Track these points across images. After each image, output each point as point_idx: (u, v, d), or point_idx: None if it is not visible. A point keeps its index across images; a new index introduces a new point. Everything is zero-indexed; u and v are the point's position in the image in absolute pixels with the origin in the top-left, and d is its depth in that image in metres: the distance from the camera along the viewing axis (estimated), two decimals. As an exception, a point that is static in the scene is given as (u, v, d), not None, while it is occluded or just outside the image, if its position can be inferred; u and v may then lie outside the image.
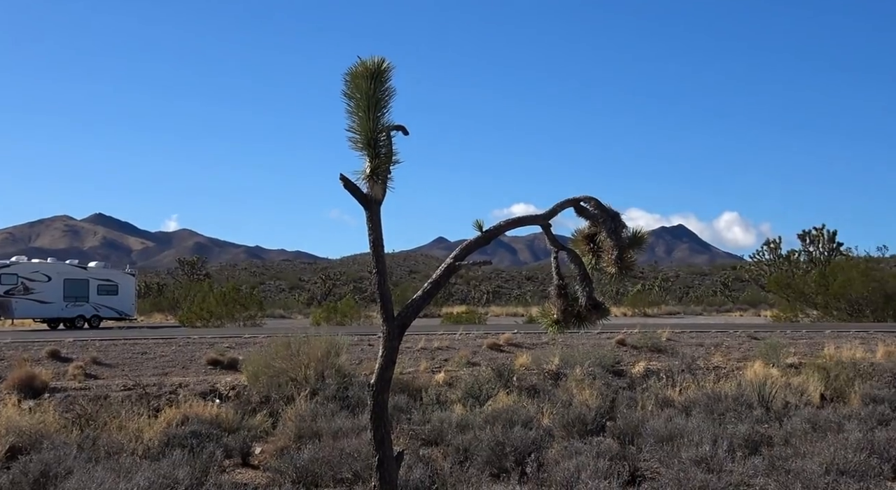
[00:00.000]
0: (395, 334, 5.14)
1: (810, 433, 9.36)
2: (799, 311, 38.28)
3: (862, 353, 16.77)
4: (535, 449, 8.40)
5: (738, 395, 12.00)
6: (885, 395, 12.19)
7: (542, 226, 5.45)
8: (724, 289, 77.63)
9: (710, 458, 7.81)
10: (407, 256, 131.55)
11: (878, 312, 34.52)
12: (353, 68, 4.94)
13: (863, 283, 35.05)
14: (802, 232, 51.02)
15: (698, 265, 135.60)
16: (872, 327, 24.22)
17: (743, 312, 51.88)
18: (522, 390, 13.22)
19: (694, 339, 19.27)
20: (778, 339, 18.58)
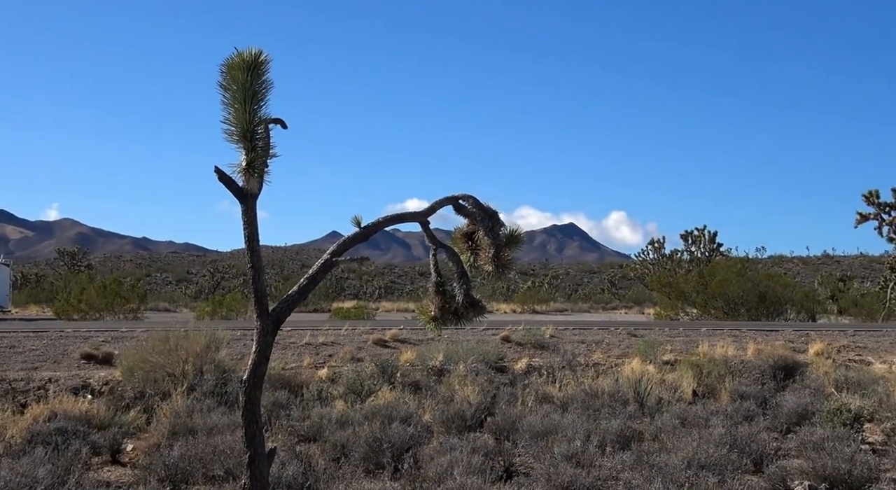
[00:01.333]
0: (270, 330, 5.14)
1: (679, 428, 9.78)
2: (679, 309, 39.70)
3: (734, 351, 17.52)
4: (412, 445, 8.51)
5: (614, 392, 12.40)
6: (752, 391, 12.79)
7: (421, 223, 5.54)
8: (612, 287, 79.68)
9: (581, 454, 8.07)
10: (300, 250, 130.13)
11: (752, 311, 36.13)
12: (230, 59, 4.92)
13: (738, 283, 36.61)
14: (685, 232, 52.93)
15: (588, 263, 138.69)
16: (746, 326, 25.31)
17: (628, 310, 53.41)
18: (405, 386, 13.32)
19: (577, 336, 19.75)
20: (656, 336, 19.23)
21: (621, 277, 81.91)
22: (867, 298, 43.48)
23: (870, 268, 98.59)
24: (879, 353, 18.58)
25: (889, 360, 17.54)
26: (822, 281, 57.24)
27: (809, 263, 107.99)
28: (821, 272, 79.20)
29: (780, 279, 42.70)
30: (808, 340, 19.65)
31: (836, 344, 19.40)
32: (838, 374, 14.66)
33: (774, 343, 18.98)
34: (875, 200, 38.46)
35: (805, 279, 77.12)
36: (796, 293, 40.14)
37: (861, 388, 12.90)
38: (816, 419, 10.42)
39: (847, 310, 42.55)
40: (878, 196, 38.48)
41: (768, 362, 15.27)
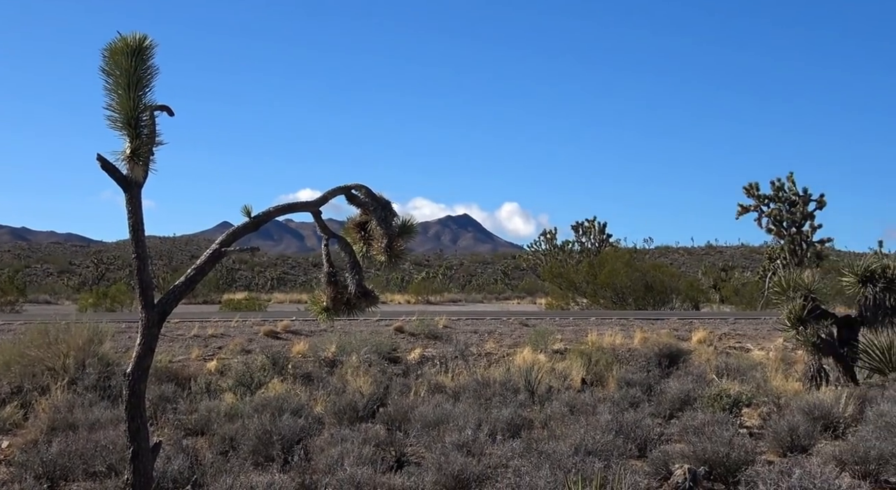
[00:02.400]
0: (155, 321, 5.04)
1: (567, 416, 10.02)
2: (570, 299, 40.59)
3: (621, 340, 18.04)
4: (303, 437, 8.47)
5: (506, 381, 12.60)
6: (638, 378, 13.20)
7: (313, 213, 5.51)
8: (505, 277, 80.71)
9: (472, 442, 8.19)
10: (189, 241, 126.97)
11: (640, 301, 37.25)
12: (113, 44, 4.79)
13: (627, 274, 37.68)
14: (576, 223, 54.02)
15: (481, 254, 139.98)
16: (633, 315, 26.08)
17: (520, 300, 54.24)
18: (297, 378, 13.22)
19: (470, 326, 19.98)
20: (547, 326, 19.63)
21: (514, 268, 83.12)
22: (747, 287, 45.33)
23: (750, 258, 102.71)
24: (758, 340, 19.42)
25: (767, 346, 18.35)
26: (706, 271, 59.33)
27: (694, 254, 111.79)
28: (704, 262, 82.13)
29: (666, 269, 44.17)
30: (691, 328, 20.38)
31: (717, 332, 20.19)
32: (719, 360, 15.27)
33: (660, 331, 19.63)
34: (755, 193, 40.09)
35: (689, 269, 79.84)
36: (681, 283, 41.58)
37: (740, 375, 13.47)
38: (698, 405, 10.84)
39: (728, 298, 44.30)
40: (757, 188, 40.12)
41: (654, 350, 15.78)
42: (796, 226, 39.77)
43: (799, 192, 39.99)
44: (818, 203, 39.93)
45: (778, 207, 39.90)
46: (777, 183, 40.17)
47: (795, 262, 37.82)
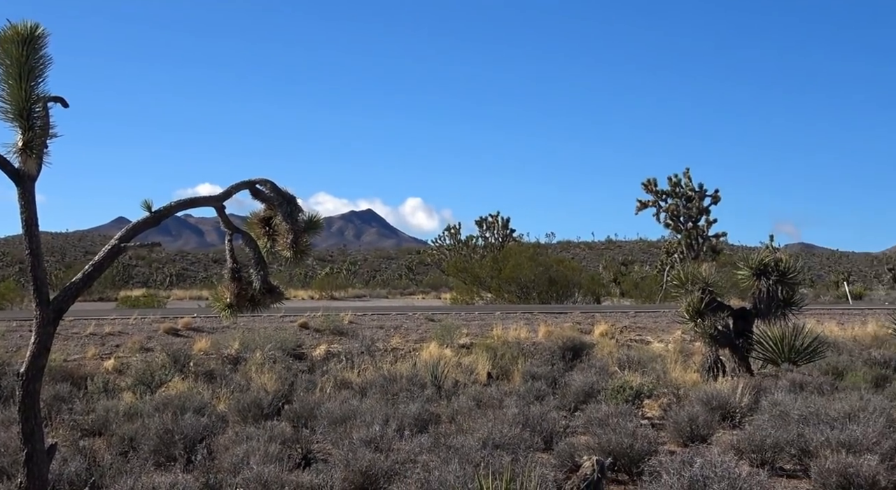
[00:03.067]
0: (50, 320, 4.84)
1: (475, 410, 10.07)
2: (475, 293, 40.88)
3: (526, 333, 18.27)
4: (206, 435, 8.29)
5: (412, 376, 12.59)
6: (543, 372, 13.36)
7: (216, 208, 5.37)
8: (409, 272, 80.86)
9: (380, 438, 8.15)
10: (83, 237, 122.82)
11: (543, 295, 37.77)
12: (3, 32, 4.57)
13: (530, 268, 38.16)
14: (480, 218, 54.48)
15: (386, 249, 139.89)
16: (537, 309, 26.43)
17: (425, 295, 54.40)
18: (199, 376, 12.94)
19: (375, 321, 19.92)
20: (453, 320, 19.73)
21: (419, 263, 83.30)
22: (646, 281, 46.48)
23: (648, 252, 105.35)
24: (657, 333, 19.94)
25: (666, 339, 18.86)
26: (606, 265, 60.69)
27: (594, 248, 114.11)
28: (605, 257, 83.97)
29: (569, 264, 44.91)
30: (593, 322, 20.78)
31: (618, 325, 20.63)
32: (621, 353, 15.60)
33: (563, 325, 19.94)
34: (653, 188, 41.14)
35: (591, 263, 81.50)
36: (583, 277, 42.36)
37: (641, 367, 13.79)
38: (601, 397, 11.04)
39: (628, 292, 45.37)
40: (655, 184, 41.18)
41: (558, 344, 16.01)
42: (693, 221, 40.98)
43: (695, 187, 41.22)
44: (713, 198, 41.24)
45: (675, 203, 41.04)
46: (674, 179, 41.31)
47: (692, 256, 38.97)
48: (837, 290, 56.35)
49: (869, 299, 50.27)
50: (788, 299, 13.63)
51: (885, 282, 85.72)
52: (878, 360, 14.16)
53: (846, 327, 21.21)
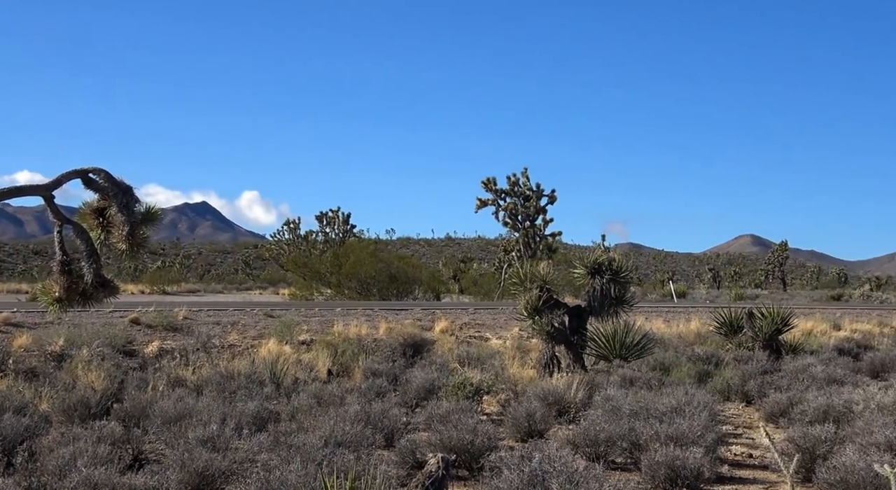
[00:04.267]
0: None
1: (315, 407, 9.97)
2: (315, 289, 40.51)
3: (367, 330, 18.24)
4: (28, 437, 7.82)
5: (251, 373, 12.34)
6: (384, 369, 13.39)
7: (45, 197, 5.07)
8: (246, 267, 79.25)
9: (217, 437, 7.93)
10: None
11: (384, 291, 37.85)
12: None
13: (371, 264, 38.17)
14: (320, 213, 54.01)
15: (221, 243, 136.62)
16: (378, 305, 26.45)
17: (263, 291, 53.39)
18: (20, 374, 12.20)
19: (211, 317, 19.38)
20: (293, 317, 19.45)
21: (256, 258, 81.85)
22: (485, 278, 47.42)
23: (487, 250, 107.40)
24: (496, 330, 20.36)
25: (504, 335, 19.28)
26: (446, 262, 61.42)
27: (434, 245, 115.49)
28: (444, 254, 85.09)
29: (409, 260, 45.23)
30: (434, 319, 20.97)
31: (458, 321, 20.92)
32: (461, 349, 15.83)
33: (404, 322, 20.04)
34: (492, 187, 41.98)
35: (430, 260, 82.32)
36: (423, 274, 42.72)
37: (481, 363, 14.04)
38: (442, 393, 11.16)
39: (468, 289, 46.13)
40: (495, 183, 42.04)
41: (399, 340, 16.08)
42: (530, 220, 42.11)
43: (532, 187, 42.35)
44: (550, 198, 42.52)
45: (513, 202, 42.03)
46: (513, 178, 42.30)
47: (529, 254, 40.04)
48: (663, 289, 59.36)
49: (692, 298, 53.18)
50: (620, 297, 14.21)
51: (706, 281, 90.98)
52: (700, 356, 14.99)
53: (672, 324, 22.32)
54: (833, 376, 12.48)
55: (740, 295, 49.23)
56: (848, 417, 9.28)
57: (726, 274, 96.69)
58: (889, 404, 9.50)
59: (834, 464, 6.84)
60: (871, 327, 23.74)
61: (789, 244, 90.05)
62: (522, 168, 42.57)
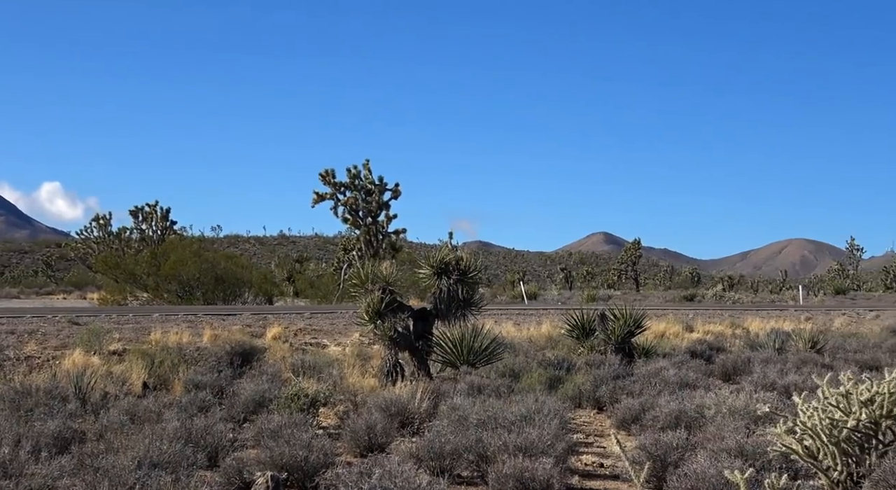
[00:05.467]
0: None
1: (128, 425, 9.62)
2: (129, 293, 39.16)
3: (189, 338, 17.78)
4: None
5: (51, 388, 11.76)
6: (208, 380, 13.06)
7: None
8: (47, 268, 75.99)
9: (10, 462, 7.52)
10: None
11: (209, 294, 37.05)
12: None
13: (195, 265, 37.28)
14: (135, 208, 52.27)
15: (17, 241, 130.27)
16: (202, 310, 25.87)
17: (67, 295, 51.17)
18: None
19: (5, 325, 18.48)
20: (102, 324, 18.76)
21: (59, 258, 78.50)
22: (323, 279, 47.17)
23: (325, 248, 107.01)
24: (334, 336, 20.27)
25: (343, 342, 19.22)
26: (280, 262, 60.75)
27: (266, 244, 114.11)
28: (278, 253, 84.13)
29: (238, 260, 44.46)
30: (265, 324, 20.70)
31: (293, 327, 20.72)
32: (295, 358, 15.65)
33: (232, 328, 19.68)
34: (331, 180, 41.79)
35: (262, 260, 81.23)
36: (254, 275, 42.07)
37: (317, 372, 13.92)
38: (274, 406, 10.99)
39: (304, 292, 45.76)
40: (333, 175, 41.86)
41: (225, 348, 15.75)
42: (372, 216, 42.19)
43: (375, 180, 42.44)
44: (393, 192, 42.74)
45: (354, 196, 42.01)
46: (353, 170, 42.27)
47: (371, 253, 40.12)
48: (514, 290, 60.79)
49: (543, 299, 54.72)
50: (469, 299, 14.40)
51: (558, 281, 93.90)
52: (552, 361, 15.39)
53: (522, 328, 22.87)
54: (686, 380, 13.08)
55: (593, 296, 51.09)
56: (700, 422, 9.73)
57: (579, 274, 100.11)
58: (741, 408, 10.03)
59: (685, 471, 7.14)
60: (724, 329, 25.09)
61: (642, 242, 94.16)
62: (364, 160, 42.61)
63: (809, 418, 6.79)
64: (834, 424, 6.69)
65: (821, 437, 6.70)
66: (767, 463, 7.45)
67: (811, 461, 6.82)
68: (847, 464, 6.74)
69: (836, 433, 6.68)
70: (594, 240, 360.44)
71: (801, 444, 6.84)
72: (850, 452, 6.77)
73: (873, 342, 20.56)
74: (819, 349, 18.08)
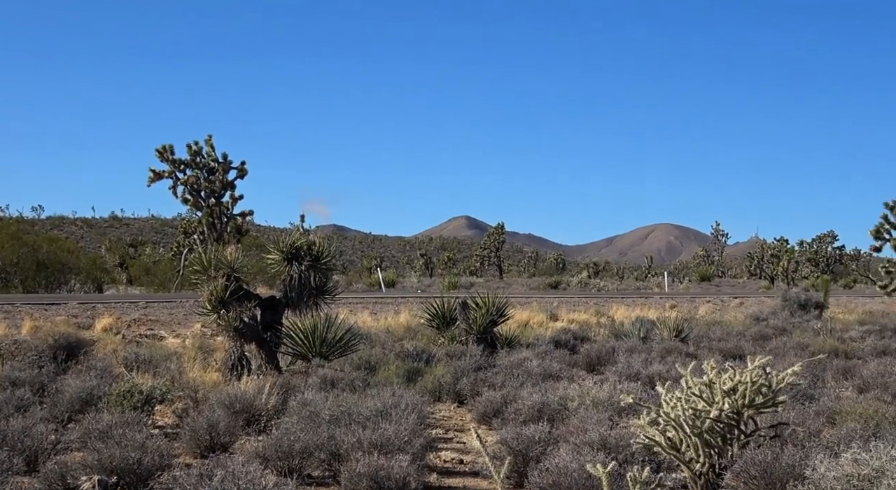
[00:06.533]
0: None
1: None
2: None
3: (5, 330, 17.16)
4: None
5: None
6: (27, 377, 12.60)
7: None
8: None
9: None
10: None
11: (29, 282, 35.73)
12: None
13: (13, 249, 35.92)
14: (-56, 185, 49.82)
15: None
16: (21, 299, 24.95)
17: None
18: None
19: None
20: None
21: None
22: (160, 266, 46.12)
23: (162, 232, 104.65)
24: (173, 327, 19.88)
25: (183, 333, 18.87)
26: (111, 247, 59.06)
27: (95, 226, 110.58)
28: (109, 236, 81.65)
29: (63, 244, 43.01)
30: (94, 314, 20.15)
31: (126, 318, 20.22)
32: (129, 351, 15.26)
33: (55, 319, 19.07)
34: (169, 157, 40.78)
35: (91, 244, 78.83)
36: (81, 260, 40.81)
37: (153, 366, 13.62)
38: (104, 404, 10.70)
39: (138, 279, 44.66)
40: (172, 152, 40.87)
41: (48, 342, 15.24)
42: (216, 196, 41.42)
43: (218, 158, 41.67)
44: (239, 171, 42.05)
45: (195, 174, 41.14)
46: (194, 146, 41.38)
47: (215, 237, 39.43)
48: (371, 277, 60.90)
49: (402, 287, 55.06)
50: (322, 287, 14.36)
51: (418, 268, 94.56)
52: (410, 352, 15.52)
53: (380, 317, 22.97)
54: (549, 371, 13.41)
55: (454, 283, 51.71)
56: (563, 415, 10.00)
57: (439, 260, 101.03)
58: (604, 399, 10.36)
59: (547, 466, 7.33)
60: (589, 317, 25.83)
61: (506, 227, 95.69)
62: (206, 135, 41.74)
63: (672, 409, 7.06)
64: (697, 415, 6.98)
65: (683, 428, 6.98)
66: (630, 456, 7.72)
67: (674, 453, 7.09)
68: (709, 455, 7.04)
69: (698, 424, 6.97)
70: (456, 224, 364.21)
71: (664, 436, 7.10)
72: (713, 443, 7.08)
73: (737, 330, 21.59)
74: (684, 338, 18.84)
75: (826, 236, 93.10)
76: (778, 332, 21.04)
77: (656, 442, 7.13)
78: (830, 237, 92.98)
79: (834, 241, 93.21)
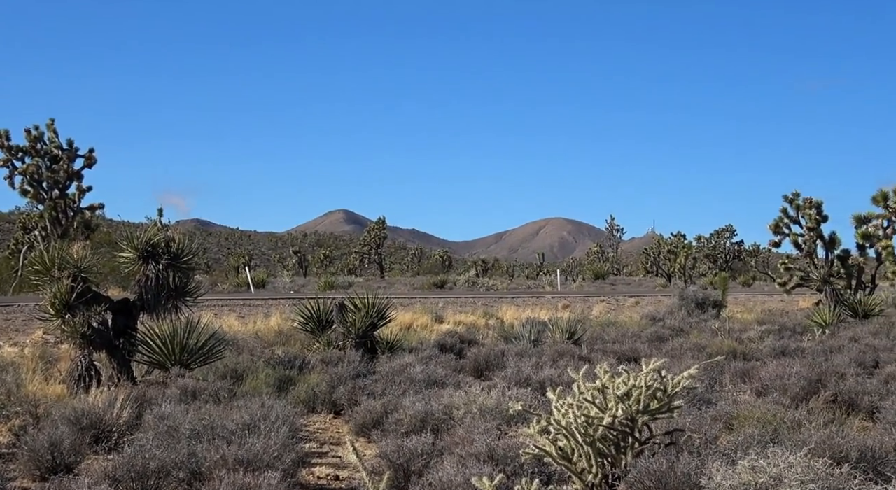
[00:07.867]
0: None
1: None
2: None
3: None
4: None
5: None
6: None
7: None
8: None
9: None
10: None
11: None
12: None
13: None
14: None
15: None
16: None
17: None
18: None
19: None
20: None
21: None
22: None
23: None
24: (10, 334, 19.36)
25: (22, 341, 18.39)
26: (-61, 244, 57.02)
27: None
28: (-64, 233, 78.86)
29: None
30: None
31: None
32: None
33: None
34: (5, 143, 39.64)
35: (-84, 242, 75.83)
36: None
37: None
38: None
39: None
40: (8, 137, 39.78)
41: None
42: (60, 187, 40.40)
43: (63, 145, 40.67)
44: (87, 159, 41.12)
45: (36, 163, 40.09)
46: (34, 132, 40.30)
47: (59, 232, 38.47)
48: (238, 277, 60.27)
49: (273, 287, 54.63)
50: (182, 288, 14.16)
51: (291, 266, 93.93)
52: (282, 359, 15.41)
53: (248, 321, 22.75)
54: (434, 377, 13.48)
55: (331, 283, 51.58)
56: (448, 425, 10.08)
57: (315, 258, 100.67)
58: (492, 407, 10.48)
59: (429, 480, 7.40)
60: (477, 319, 26.06)
61: (387, 222, 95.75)
62: (48, 120, 40.67)
63: (564, 416, 7.19)
64: (589, 422, 7.13)
65: (575, 436, 7.11)
66: (519, 467, 7.83)
67: (565, 463, 7.23)
68: (602, 465, 7.20)
69: (591, 432, 7.12)
70: (333, 218, 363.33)
71: (554, 445, 7.23)
72: (606, 452, 7.24)
73: (633, 331, 22.06)
74: (577, 340, 19.15)
75: (724, 231, 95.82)
76: (675, 332, 21.59)
77: (546, 452, 7.25)
78: (729, 231, 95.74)
79: (732, 236, 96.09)
